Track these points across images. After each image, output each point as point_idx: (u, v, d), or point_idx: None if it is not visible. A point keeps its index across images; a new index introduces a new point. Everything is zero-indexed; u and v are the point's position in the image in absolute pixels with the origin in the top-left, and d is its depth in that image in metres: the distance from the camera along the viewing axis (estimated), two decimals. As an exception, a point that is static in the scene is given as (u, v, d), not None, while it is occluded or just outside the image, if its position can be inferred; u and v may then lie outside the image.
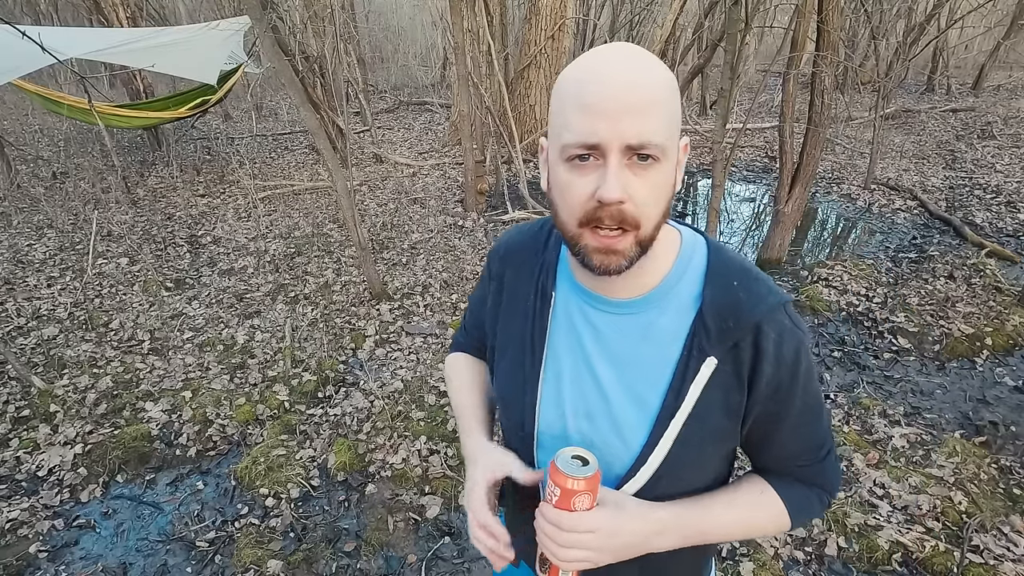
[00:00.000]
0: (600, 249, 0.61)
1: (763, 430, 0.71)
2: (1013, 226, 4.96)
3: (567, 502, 0.64)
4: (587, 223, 0.60)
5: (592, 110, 0.56)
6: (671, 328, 0.68)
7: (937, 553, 1.97)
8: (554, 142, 0.62)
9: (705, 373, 0.66)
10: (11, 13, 12.17)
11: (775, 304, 0.66)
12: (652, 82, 0.57)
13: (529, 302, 0.76)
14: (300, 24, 6.37)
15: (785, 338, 0.66)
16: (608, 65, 0.57)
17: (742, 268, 0.70)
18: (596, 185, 0.58)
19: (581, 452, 0.67)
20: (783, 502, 0.73)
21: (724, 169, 3.33)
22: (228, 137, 8.84)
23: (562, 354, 0.73)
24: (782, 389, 0.67)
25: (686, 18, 8.64)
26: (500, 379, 0.81)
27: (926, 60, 11.31)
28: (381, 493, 2.39)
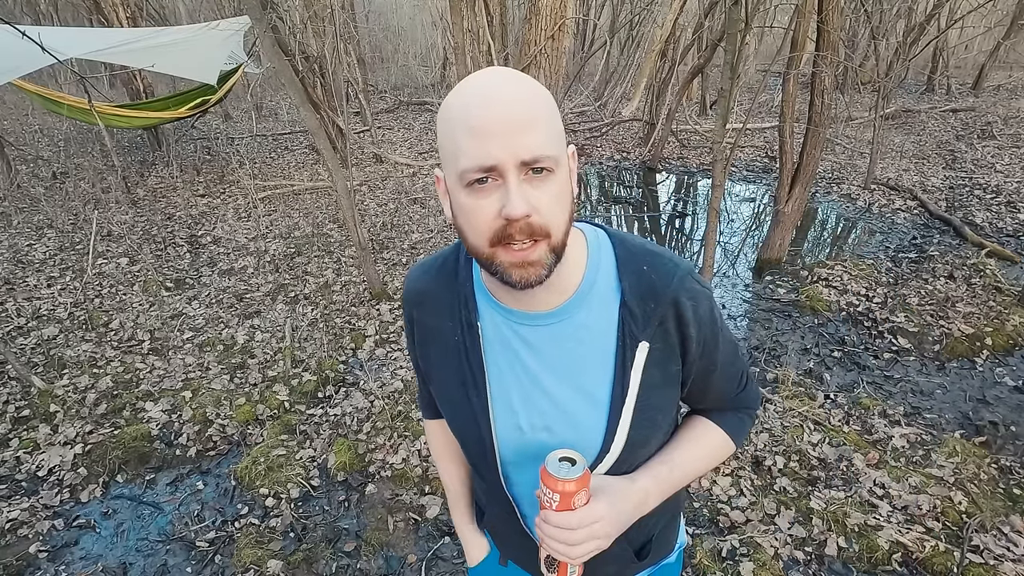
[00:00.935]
0: (516, 263, 0.62)
1: (700, 384, 0.79)
2: (1013, 226, 4.96)
3: (568, 503, 0.66)
4: (498, 242, 0.61)
5: (481, 132, 0.58)
6: (600, 324, 0.72)
7: (937, 553, 1.97)
8: (450, 169, 0.62)
9: (641, 358, 0.71)
10: (11, 13, 12.17)
11: (683, 275, 0.72)
12: (532, 99, 0.59)
13: (457, 338, 0.77)
14: (300, 24, 6.37)
15: (699, 301, 0.72)
16: (488, 88, 0.59)
17: (646, 251, 0.74)
18: (500, 204, 0.59)
19: (567, 453, 0.69)
20: (725, 432, 0.84)
21: (724, 169, 3.33)
22: (228, 137, 8.84)
23: (506, 378, 0.75)
24: (708, 345, 0.75)
25: (686, 18, 8.64)
26: (451, 420, 0.82)
27: (926, 60, 11.32)
28: (381, 493, 2.39)
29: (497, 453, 0.77)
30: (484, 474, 0.83)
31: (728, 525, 2.16)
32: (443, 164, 0.65)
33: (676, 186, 7.00)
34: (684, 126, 8.45)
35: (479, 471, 0.85)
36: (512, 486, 0.81)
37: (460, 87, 0.62)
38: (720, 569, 1.97)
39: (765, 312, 3.81)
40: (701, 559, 2.01)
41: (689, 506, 2.26)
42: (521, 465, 0.79)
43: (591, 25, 10.91)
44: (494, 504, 0.88)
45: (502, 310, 0.74)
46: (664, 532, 0.91)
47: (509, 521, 0.85)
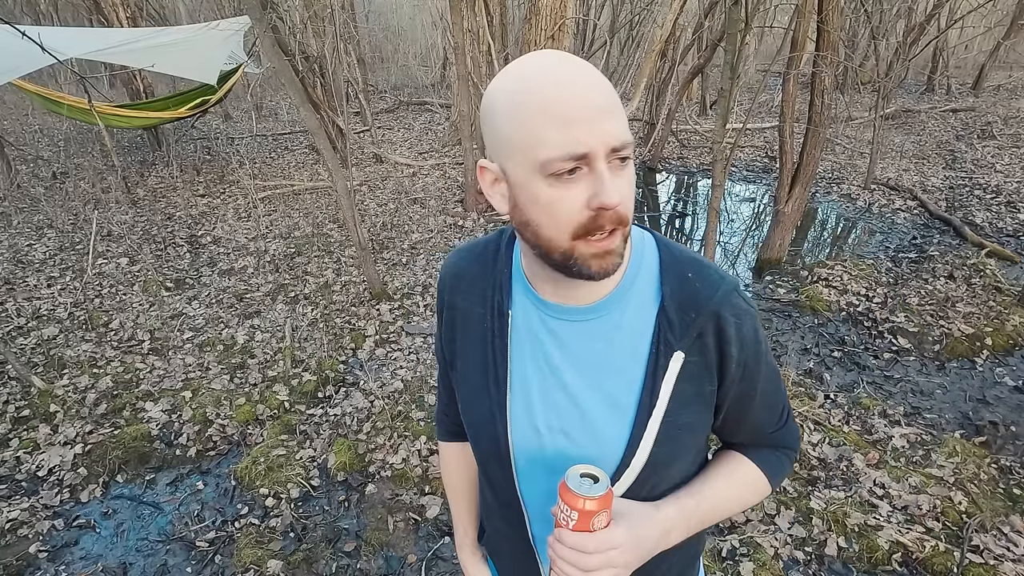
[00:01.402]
0: (598, 254, 0.60)
1: (737, 412, 0.73)
2: (1013, 226, 4.96)
3: (586, 523, 0.62)
4: (584, 234, 0.59)
5: (569, 119, 0.55)
6: (635, 326, 0.68)
7: (937, 553, 1.97)
8: (518, 160, 0.59)
9: (674, 368, 0.66)
10: (11, 13, 12.17)
11: (729, 289, 0.68)
12: (607, 83, 0.58)
13: (486, 324, 0.74)
14: (300, 24, 6.38)
15: (744, 319, 0.68)
16: (563, 72, 0.57)
17: (692, 259, 0.71)
18: (588, 194, 0.57)
19: (589, 469, 0.64)
20: (762, 470, 0.77)
21: (724, 169, 3.33)
22: (228, 137, 8.84)
23: (529, 372, 0.72)
24: (749, 368, 0.69)
25: (686, 18, 8.64)
26: (465, 408, 0.79)
27: (926, 60, 11.31)
28: (381, 493, 2.39)
29: (512, 453, 0.73)
30: (494, 477, 0.78)
31: (728, 525, 2.16)
32: (502, 155, 0.61)
33: (676, 186, 7.00)
34: (684, 126, 8.46)
35: (488, 474, 0.80)
36: (523, 496, 0.76)
37: (523, 72, 0.59)
38: (720, 569, 1.97)
39: (765, 312, 3.81)
40: (701, 559, 2.01)
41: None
42: (534, 473, 0.74)
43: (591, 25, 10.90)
44: (499, 517, 0.82)
45: (536, 300, 0.71)
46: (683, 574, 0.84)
47: (515, 539, 0.80)
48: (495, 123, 0.61)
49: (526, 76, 0.58)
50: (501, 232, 0.78)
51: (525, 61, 0.59)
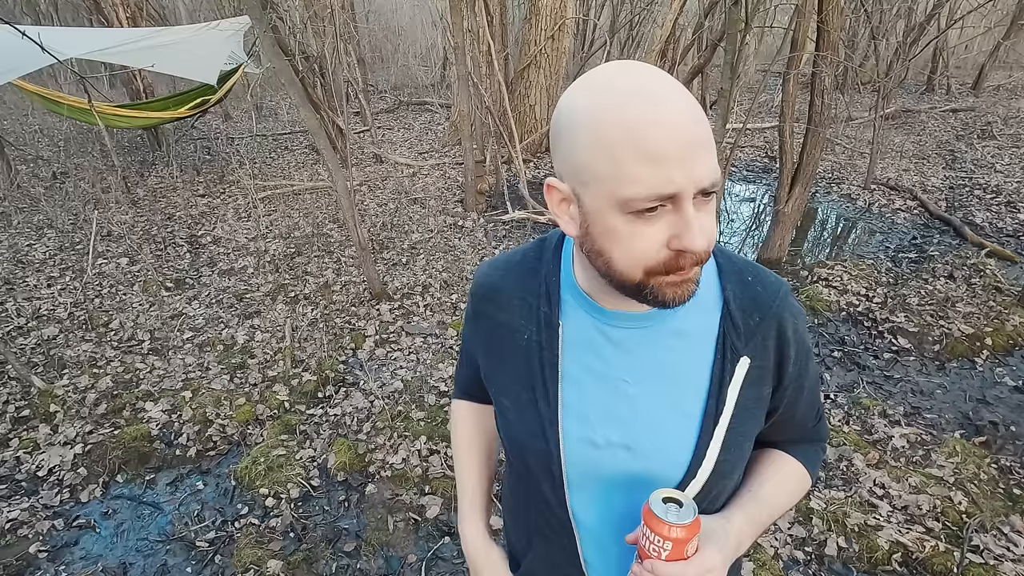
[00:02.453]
0: (674, 283, 0.57)
1: (788, 411, 0.73)
2: (1013, 226, 4.96)
3: (680, 552, 0.59)
4: (661, 271, 0.56)
5: (661, 157, 0.50)
6: (698, 331, 0.66)
7: (937, 553, 1.97)
8: (596, 190, 0.55)
9: (740, 374, 0.65)
10: (11, 13, 12.17)
11: (787, 292, 0.69)
12: (698, 106, 0.53)
13: (530, 336, 0.70)
14: (300, 24, 6.38)
15: (799, 319, 0.68)
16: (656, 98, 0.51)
17: (748, 263, 0.70)
18: (668, 233, 0.54)
19: (670, 493, 0.62)
20: (803, 465, 0.78)
21: (724, 169, 3.33)
22: (228, 137, 8.84)
23: (584, 384, 0.68)
24: (802, 367, 0.70)
25: (686, 18, 8.64)
26: (508, 425, 0.74)
27: (926, 60, 11.31)
28: (381, 493, 2.39)
29: (564, 470, 0.68)
30: (542, 497, 0.73)
31: (728, 525, 2.16)
32: (577, 179, 0.57)
33: (676, 186, 6.99)
34: (684, 126, 8.43)
35: (534, 494, 0.74)
36: (575, 517, 0.71)
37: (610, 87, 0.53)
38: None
39: (765, 312, 3.81)
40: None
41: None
42: (587, 492, 0.70)
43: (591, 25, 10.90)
44: (544, 541, 0.76)
45: (594, 309, 0.68)
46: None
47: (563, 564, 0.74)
48: (573, 142, 0.56)
49: (614, 96, 0.52)
50: (541, 241, 0.75)
51: (613, 76, 0.54)
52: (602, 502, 0.70)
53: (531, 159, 7.39)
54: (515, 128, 5.91)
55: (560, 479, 0.69)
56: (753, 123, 8.80)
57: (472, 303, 0.79)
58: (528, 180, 5.94)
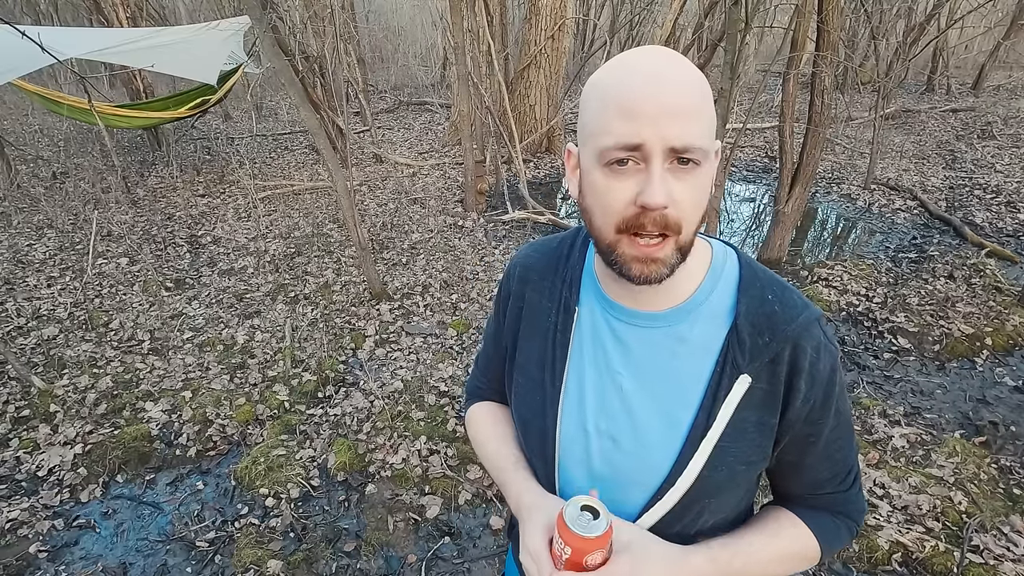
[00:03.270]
0: (639, 258, 0.58)
1: (795, 453, 0.68)
2: (1013, 226, 4.96)
3: (579, 560, 0.60)
4: (626, 229, 0.58)
5: (635, 112, 0.54)
6: (704, 341, 0.65)
7: (937, 553, 1.97)
8: (589, 146, 0.59)
9: (738, 391, 0.63)
10: (11, 13, 12.16)
11: (811, 318, 0.64)
12: (693, 84, 0.56)
13: (551, 319, 0.73)
14: (300, 24, 6.38)
15: (822, 355, 0.63)
16: (652, 67, 0.55)
17: (775, 281, 0.67)
18: (637, 190, 0.56)
19: (591, 502, 0.62)
20: (814, 534, 0.70)
21: (724, 169, 3.34)
22: (228, 137, 8.84)
23: (587, 371, 0.70)
24: (816, 409, 0.64)
25: (686, 18, 8.64)
26: (519, 401, 0.76)
27: (926, 60, 11.31)
28: (381, 493, 2.39)
29: (557, 451, 0.71)
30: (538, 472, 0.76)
31: (728, 525, 2.16)
32: (581, 140, 0.62)
33: (676, 186, 6.99)
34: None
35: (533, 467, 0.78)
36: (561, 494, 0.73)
37: (617, 62, 0.58)
38: None
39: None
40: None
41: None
42: (576, 475, 0.71)
43: (591, 25, 10.91)
44: None
45: (604, 300, 0.69)
46: None
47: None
48: (584, 110, 0.61)
49: (619, 67, 0.58)
50: (579, 230, 0.77)
51: (630, 54, 0.58)
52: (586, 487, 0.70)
53: (531, 159, 7.39)
54: (515, 128, 5.91)
55: (552, 460, 0.72)
56: (753, 123, 8.80)
57: (508, 283, 0.80)
58: (528, 180, 5.94)
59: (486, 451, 0.86)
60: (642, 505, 0.67)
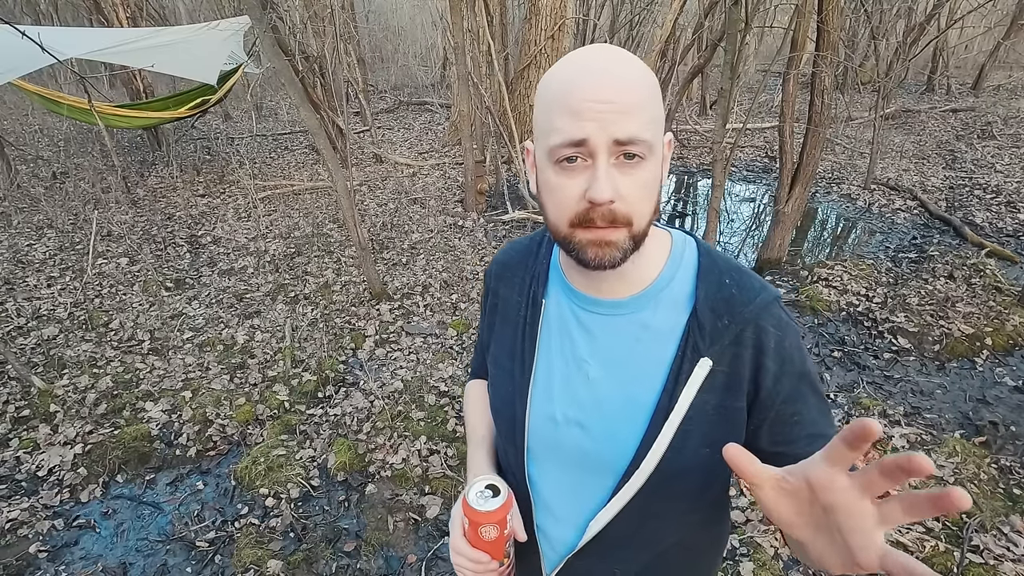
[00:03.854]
0: (594, 241, 0.60)
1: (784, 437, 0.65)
2: (1013, 226, 4.96)
3: (475, 532, 0.66)
4: (579, 224, 0.60)
5: (579, 109, 0.56)
6: (665, 327, 0.67)
7: (937, 553, 1.97)
8: (541, 145, 0.62)
9: (699, 375, 0.64)
10: (11, 13, 12.16)
11: (769, 299, 0.66)
12: (636, 80, 0.58)
13: (520, 312, 0.76)
14: (300, 24, 6.38)
15: (786, 332, 0.65)
16: (593, 65, 0.58)
17: (733, 266, 0.69)
18: (585, 186, 0.58)
19: (496, 481, 0.68)
20: None
21: (724, 169, 3.33)
22: (228, 137, 8.84)
23: (554, 361, 0.72)
24: (790, 387, 0.64)
25: (686, 18, 8.64)
26: (493, 391, 0.80)
27: (926, 60, 11.31)
28: (381, 493, 2.39)
29: (526, 439, 0.74)
30: (508, 462, 0.79)
31: (728, 525, 2.16)
32: (536, 138, 0.64)
33: (676, 186, 7.00)
34: (684, 126, 8.45)
35: (504, 459, 0.82)
36: (531, 484, 0.76)
37: (562, 62, 0.60)
38: (720, 569, 1.97)
39: (765, 312, 3.81)
40: None
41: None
42: (546, 462, 0.74)
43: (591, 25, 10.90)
44: None
45: (569, 291, 0.72)
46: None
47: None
48: (536, 107, 0.63)
49: (565, 66, 0.60)
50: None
51: (576, 53, 0.60)
52: (555, 475, 0.73)
53: (531, 159, 7.38)
54: (515, 128, 5.91)
55: (522, 447, 0.74)
56: (753, 123, 8.80)
57: (487, 280, 0.85)
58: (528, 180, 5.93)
59: (467, 426, 0.92)
60: (611, 488, 0.69)
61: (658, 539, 0.73)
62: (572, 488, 0.73)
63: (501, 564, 0.71)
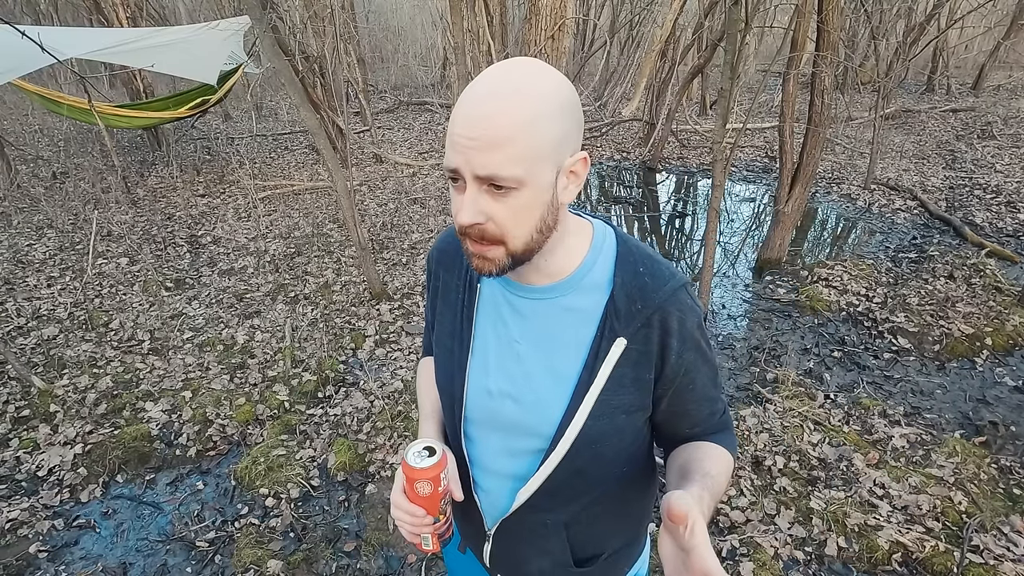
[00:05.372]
0: (475, 254, 0.68)
1: (678, 405, 0.78)
2: (1013, 226, 4.96)
3: (412, 488, 0.75)
4: (463, 235, 0.67)
5: (453, 140, 0.62)
6: (586, 310, 0.74)
7: (937, 553, 1.97)
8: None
9: (615, 352, 0.72)
10: (11, 13, 12.16)
11: (677, 287, 0.74)
12: (514, 112, 0.60)
13: (459, 295, 0.83)
14: (300, 24, 6.37)
15: (688, 316, 0.74)
16: (476, 92, 0.62)
17: (647, 255, 0.77)
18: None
19: (433, 443, 0.77)
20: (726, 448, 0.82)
21: (724, 169, 3.33)
22: (228, 137, 8.84)
23: (489, 339, 0.80)
24: (689, 363, 0.75)
25: (686, 18, 8.64)
26: (437, 369, 0.87)
27: (926, 60, 11.31)
28: (381, 493, 2.39)
29: (464, 409, 0.81)
30: (450, 428, 0.87)
31: (728, 525, 2.16)
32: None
33: (676, 186, 7.00)
34: (684, 126, 8.46)
35: (447, 425, 0.88)
36: (467, 449, 0.84)
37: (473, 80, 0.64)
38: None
39: (765, 312, 3.81)
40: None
41: (689, 506, 2.26)
42: (481, 429, 0.82)
43: (591, 25, 10.91)
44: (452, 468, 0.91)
45: (502, 278, 0.78)
46: (618, 555, 0.90)
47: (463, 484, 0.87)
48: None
49: (467, 89, 0.64)
50: None
51: (483, 73, 0.64)
52: (492, 441, 0.82)
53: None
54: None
55: (460, 417, 0.82)
56: (753, 123, 8.80)
57: (428, 265, 0.90)
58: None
59: (418, 400, 0.99)
60: (543, 450, 0.77)
61: (584, 492, 0.81)
62: (507, 452, 0.81)
63: (436, 520, 0.78)
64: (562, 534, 0.83)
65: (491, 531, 0.87)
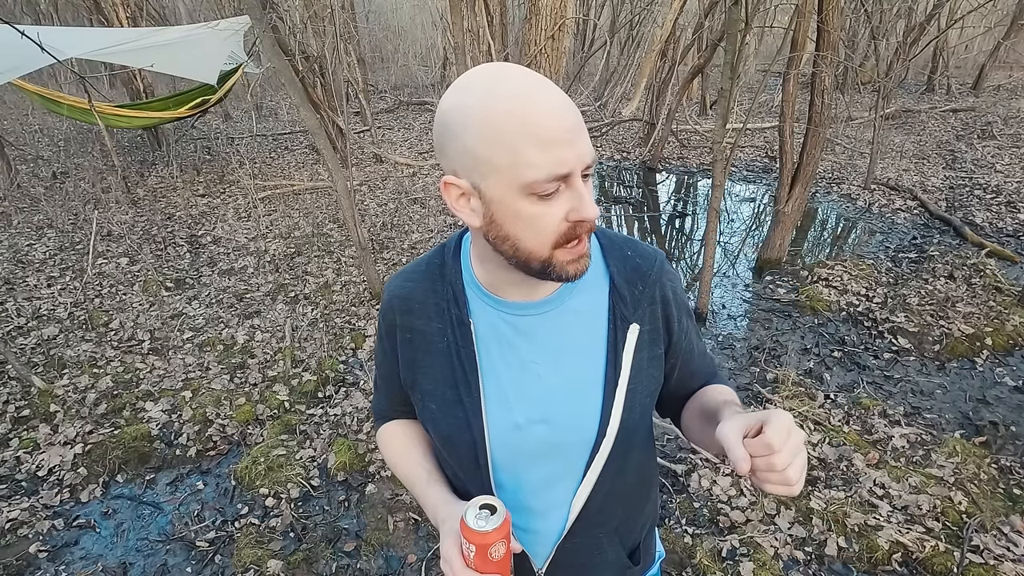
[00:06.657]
0: (574, 259, 0.65)
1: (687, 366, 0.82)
2: (1013, 226, 4.96)
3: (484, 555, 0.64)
4: (563, 243, 0.63)
5: (553, 141, 0.58)
6: (591, 307, 0.74)
7: (937, 553, 1.97)
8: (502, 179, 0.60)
9: (632, 339, 0.73)
10: (11, 13, 12.16)
11: (662, 258, 0.78)
12: (571, 101, 0.62)
13: (446, 338, 0.75)
14: (300, 24, 6.37)
15: (676, 282, 0.78)
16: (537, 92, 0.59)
17: (625, 239, 0.79)
18: (567, 207, 0.61)
19: (489, 500, 0.66)
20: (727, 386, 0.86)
21: (724, 169, 3.33)
22: (228, 137, 8.84)
23: (501, 373, 0.74)
24: (685, 325, 0.80)
25: (686, 18, 8.64)
26: (436, 424, 0.77)
27: (926, 60, 11.31)
28: (381, 493, 2.39)
29: (489, 455, 0.74)
30: (468, 481, 0.78)
31: (728, 525, 2.16)
32: (476, 173, 0.61)
33: (676, 186, 7.00)
34: (684, 126, 8.46)
35: (461, 479, 0.79)
36: (500, 491, 0.77)
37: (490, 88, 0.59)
38: (720, 569, 1.97)
39: (765, 312, 3.81)
40: (701, 559, 2.01)
41: (689, 506, 2.26)
42: (514, 469, 0.76)
43: (591, 25, 10.91)
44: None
45: (495, 303, 0.74)
46: (648, 539, 0.91)
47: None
48: (464, 139, 0.60)
49: (499, 95, 0.58)
50: (442, 247, 0.80)
51: (491, 78, 0.60)
52: (524, 476, 0.76)
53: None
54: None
55: (486, 461, 0.75)
56: (753, 123, 8.80)
57: (386, 319, 0.80)
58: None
59: (400, 470, 0.87)
60: (583, 466, 0.75)
61: (625, 491, 0.80)
62: (546, 482, 0.77)
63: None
64: (615, 538, 0.82)
65: (542, 569, 0.82)
